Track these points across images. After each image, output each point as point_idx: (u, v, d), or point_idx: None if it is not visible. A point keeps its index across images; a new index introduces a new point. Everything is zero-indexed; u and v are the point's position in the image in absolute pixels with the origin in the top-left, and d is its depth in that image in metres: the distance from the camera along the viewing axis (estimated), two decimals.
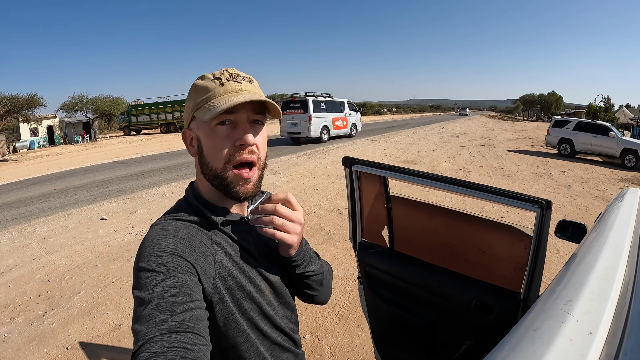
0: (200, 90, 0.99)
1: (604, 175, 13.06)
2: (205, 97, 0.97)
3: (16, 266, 5.72)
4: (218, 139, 0.98)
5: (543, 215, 1.58)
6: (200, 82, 1.00)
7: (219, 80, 0.98)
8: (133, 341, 0.75)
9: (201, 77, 1.02)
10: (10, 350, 3.68)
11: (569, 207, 8.30)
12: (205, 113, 0.95)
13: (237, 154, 0.98)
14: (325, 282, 1.22)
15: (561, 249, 5.67)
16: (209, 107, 0.95)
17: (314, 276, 1.14)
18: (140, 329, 0.74)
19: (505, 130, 34.90)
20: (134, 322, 0.77)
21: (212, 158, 0.99)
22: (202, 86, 0.99)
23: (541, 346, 0.61)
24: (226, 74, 1.00)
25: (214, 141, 0.98)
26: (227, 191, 1.00)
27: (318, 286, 1.18)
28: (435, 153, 17.09)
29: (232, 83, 0.99)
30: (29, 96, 25.87)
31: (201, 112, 0.97)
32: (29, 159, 22.47)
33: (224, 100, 0.95)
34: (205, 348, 0.76)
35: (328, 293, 1.28)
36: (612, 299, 0.79)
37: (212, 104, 0.95)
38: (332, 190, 9.55)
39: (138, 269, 0.85)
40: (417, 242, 2.30)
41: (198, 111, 0.98)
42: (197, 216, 1.01)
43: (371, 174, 2.18)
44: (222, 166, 0.98)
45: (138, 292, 0.80)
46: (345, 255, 5.50)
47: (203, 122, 0.99)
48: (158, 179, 12.11)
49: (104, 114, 37.79)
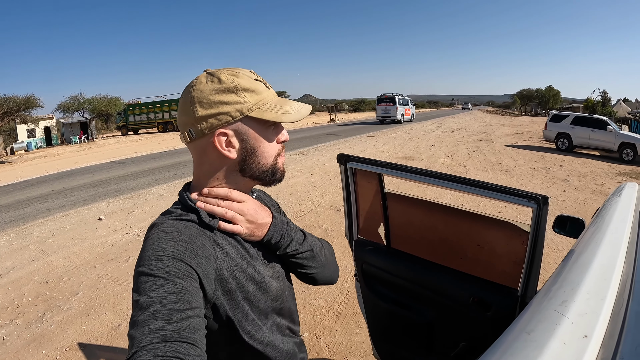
0: (249, 90, 0.98)
1: (601, 169, 13.07)
2: (261, 99, 1.00)
3: (14, 268, 5.71)
4: (271, 138, 1.05)
5: (540, 211, 1.57)
6: (244, 82, 0.98)
7: (262, 83, 1.02)
8: (128, 346, 0.74)
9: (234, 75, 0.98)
10: (9, 352, 3.67)
11: (567, 202, 8.30)
12: (279, 115, 1.00)
13: (282, 147, 1.10)
14: (319, 258, 1.22)
15: (560, 244, 5.66)
16: (279, 110, 1.01)
17: (299, 254, 1.16)
18: (135, 335, 0.73)
19: (503, 125, 34.92)
20: (130, 327, 0.76)
21: (267, 155, 1.05)
22: (250, 87, 0.98)
23: (534, 350, 0.60)
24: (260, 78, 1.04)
25: (269, 140, 1.04)
26: (274, 178, 1.10)
27: (311, 263, 1.19)
28: (433, 149, 17.09)
29: (270, 87, 1.05)
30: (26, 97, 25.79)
31: (269, 114, 0.99)
32: (26, 160, 22.45)
33: (290, 105, 1.04)
34: (199, 359, 0.75)
35: (331, 270, 1.29)
36: (609, 299, 0.77)
37: (277, 107, 1.01)
38: (329, 188, 9.54)
39: (138, 273, 0.83)
40: (413, 239, 2.29)
41: (259, 111, 0.99)
42: (195, 216, 0.99)
43: (366, 171, 2.17)
44: (273, 160, 1.07)
45: (137, 296, 0.79)
46: (343, 253, 5.49)
47: (256, 123, 1.00)
48: (156, 179, 12.10)
49: (101, 114, 37.75)
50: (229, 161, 1.01)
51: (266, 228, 1.08)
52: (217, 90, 0.95)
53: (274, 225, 1.10)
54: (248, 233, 1.04)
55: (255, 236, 1.06)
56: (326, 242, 1.32)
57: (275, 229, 1.10)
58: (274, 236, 1.09)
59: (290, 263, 1.17)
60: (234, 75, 0.98)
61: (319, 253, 1.22)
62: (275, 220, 1.11)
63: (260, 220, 1.07)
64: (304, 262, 1.18)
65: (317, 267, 1.21)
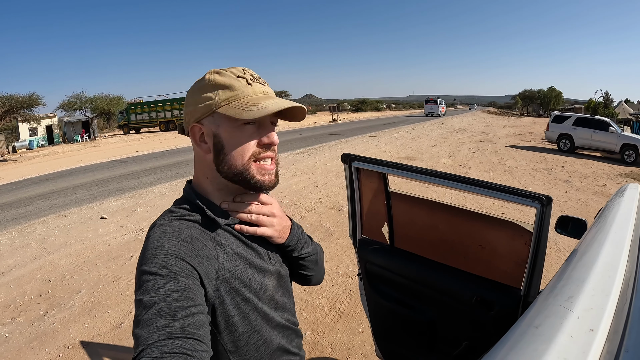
0: (223, 87, 0.97)
1: (603, 170, 13.06)
2: (233, 95, 0.97)
3: (17, 266, 5.72)
4: (244, 138, 0.99)
5: (543, 211, 1.57)
6: (221, 79, 0.98)
7: (244, 80, 0.99)
8: (133, 345, 0.74)
9: (217, 73, 0.99)
10: (12, 350, 3.68)
11: (568, 203, 8.30)
12: (241, 113, 0.94)
13: (261, 152, 1.01)
14: (320, 262, 1.28)
15: (561, 244, 5.67)
16: (247, 107, 0.95)
17: (309, 257, 1.20)
18: (140, 333, 0.74)
19: (505, 125, 34.86)
20: (135, 326, 0.76)
21: (236, 155, 0.99)
22: (225, 83, 0.97)
23: (542, 343, 0.61)
24: (248, 74, 1.00)
25: (239, 139, 0.99)
26: (250, 184, 1.02)
27: (313, 266, 1.24)
28: (434, 149, 17.08)
29: (258, 84, 1.01)
30: (28, 96, 25.81)
31: (233, 110, 0.95)
32: (28, 159, 22.46)
33: (261, 102, 0.97)
34: (205, 354, 0.76)
35: (322, 272, 1.33)
36: (613, 296, 0.79)
37: (249, 104, 0.96)
38: (331, 187, 9.55)
39: (141, 272, 0.83)
40: (417, 239, 2.30)
41: (224, 108, 0.96)
42: (199, 216, 1.00)
43: (370, 170, 2.17)
44: (246, 161, 1.00)
45: (140, 295, 0.80)
46: (346, 252, 5.50)
47: (227, 120, 0.98)
48: (158, 177, 12.11)
49: (103, 112, 37.73)
50: (207, 157, 1.02)
51: (287, 232, 1.12)
52: (197, 88, 1.00)
53: (294, 229, 1.14)
54: (276, 235, 1.07)
55: (282, 238, 1.10)
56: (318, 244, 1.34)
57: (295, 232, 1.14)
58: (294, 239, 1.13)
59: (296, 265, 1.20)
60: (218, 73, 0.99)
61: (320, 258, 1.28)
62: (294, 224, 1.15)
63: (285, 223, 1.11)
64: (308, 265, 1.21)
65: (315, 270, 1.26)
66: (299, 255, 1.16)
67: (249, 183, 1.02)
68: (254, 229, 1.04)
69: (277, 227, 1.08)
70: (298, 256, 1.16)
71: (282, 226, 1.10)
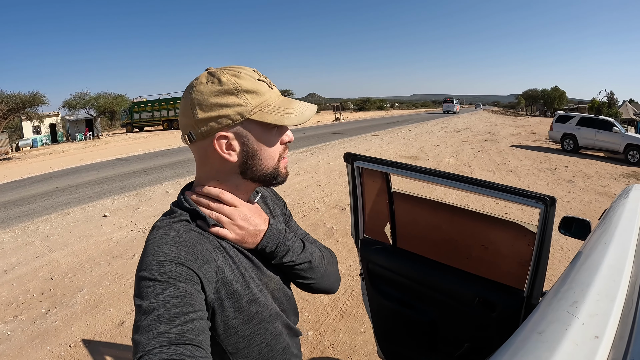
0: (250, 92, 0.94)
1: (607, 170, 13.01)
2: (263, 101, 0.96)
3: (19, 264, 5.74)
4: (273, 141, 1.02)
5: (547, 212, 1.56)
6: (245, 83, 0.94)
7: (265, 83, 0.98)
8: (132, 352, 0.74)
9: (235, 75, 0.94)
10: (14, 348, 3.69)
11: (572, 203, 8.27)
12: (282, 117, 0.96)
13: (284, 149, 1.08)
14: (318, 269, 1.19)
15: (564, 245, 5.65)
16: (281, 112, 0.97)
17: (297, 265, 1.13)
18: (140, 339, 0.73)
19: (508, 125, 34.80)
20: (135, 331, 0.76)
21: (268, 158, 1.02)
22: (252, 88, 0.94)
23: (546, 350, 0.60)
24: (262, 77, 1.00)
25: (270, 143, 1.01)
26: (277, 180, 1.08)
27: (309, 274, 1.16)
28: (438, 148, 17.06)
29: (274, 87, 1.02)
30: (32, 94, 25.90)
31: (271, 116, 0.96)
32: (31, 157, 22.54)
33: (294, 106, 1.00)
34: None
35: (330, 280, 1.26)
36: (618, 300, 0.77)
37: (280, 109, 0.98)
38: (334, 186, 9.54)
39: (140, 277, 0.83)
40: (419, 239, 2.29)
41: (261, 114, 0.95)
42: (197, 219, 0.98)
43: (373, 170, 2.16)
44: (276, 162, 1.04)
45: (139, 300, 0.79)
46: (348, 252, 5.49)
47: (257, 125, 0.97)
48: (161, 176, 12.13)
49: (107, 111, 37.87)
50: (229, 164, 0.98)
51: (259, 236, 1.05)
52: (217, 92, 0.93)
53: (269, 233, 1.07)
54: (238, 239, 1.01)
55: (248, 243, 1.03)
56: (329, 251, 1.29)
57: (270, 238, 1.07)
58: (269, 245, 1.06)
59: (287, 272, 1.15)
60: (235, 75, 0.94)
61: (318, 264, 1.19)
62: (270, 229, 1.08)
63: (251, 227, 1.04)
64: (301, 273, 1.15)
65: (315, 278, 1.19)
66: (281, 263, 1.10)
67: (275, 180, 1.07)
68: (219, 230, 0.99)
69: (239, 232, 1.02)
70: (281, 263, 1.11)
71: (246, 231, 1.04)
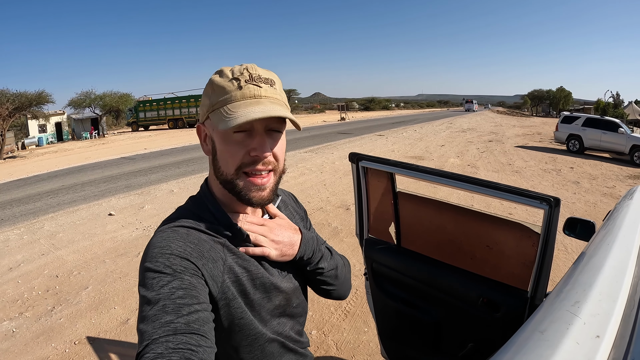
0: (216, 90, 0.93)
1: (612, 172, 12.95)
2: (221, 100, 0.92)
3: (25, 262, 5.77)
4: (232, 146, 0.93)
5: (552, 213, 1.56)
6: (218, 80, 0.94)
7: (237, 82, 0.92)
8: (138, 341, 0.75)
9: (219, 73, 0.96)
10: (19, 345, 3.71)
11: (577, 204, 8.24)
12: (219, 121, 0.90)
13: (250, 164, 0.94)
14: (341, 276, 1.22)
15: (569, 246, 5.63)
16: (224, 116, 0.90)
17: (326, 272, 1.15)
18: (145, 329, 0.74)
19: (514, 126, 34.67)
20: (140, 321, 0.76)
21: (224, 163, 0.95)
22: (219, 85, 0.93)
23: (547, 349, 0.60)
24: (246, 74, 0.93)
25: (227, 147, 0.94)
26: (239, 197, 0.97)
27: (333, 281, 1.19)
28: (443, 149, 17.03)
29: (251, 87, 0.92)
30: (37, 93, 25.98)
31: (215, 117, 0.92)
32: (37, 156, 22.63)
33: (240, 109, 0.89)
34: (210, 350, 0.76)
35: (346, 287, 1.28)
36: (620, 301, 0.77)
37: (227, 112, 0.90)
38: (339, 186, 9.54)
39: (145, 269, 0.84)
40: (424, 239, 2.29)
41: (213, 114, 0.93)
42: (211, 222, 0.99)
43: (378, 170, 2.16)
44: (234, 172, 0.95)
45: (144, 291, 0.80)
46: (353, 251, 5.50)
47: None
48: (166, 175, 12.16)
49: (112, 110, 37.98)
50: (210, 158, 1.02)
51: (296, 246, 1.07)
52: (206, 86, 0.99)
53: (304, 241, 1.09)
54: (278, 254, 1.03)
55: (287, 255, 1.05)
56: (345, 259, 1.30)
57: (306, 246, 1.09)
58: (306, 252, 1.09)
59: (312, 278, 1.16)
60: (219, 72, 0.97)
61: (341, 271, 1.21)
62: (304, 237, 1.10)
63: (286, 240, 1.05)
64: (328, 280, 1.17)
65: (336, 285, 1.21)
66: (314, 270, 1.12)
67: (238, 195, 0.97)
68: (260, 249, 1.00)
69: (277, 246, 1.03)
70: (314, 270, 1.13)
71: (283, 244, 1.05)
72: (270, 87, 0.95)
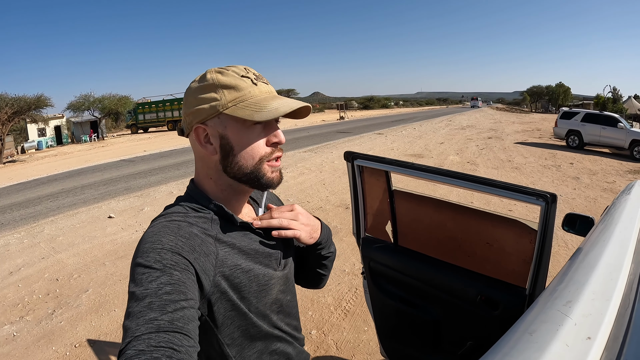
0: (228, 87, 0.95)
1: (612, 167, 12.93)
2: (240, 96, 0.95)
3: (25, 265, 5.77)
4: (254, 139, 0.99)
5: (548, 209, 1.55)
6: (225, 79, 0.96)
7: (249, 79, 0.97)
8: (122, 337, 0.74)
9: (220, 72, 0.97)
10: (19, 348, 3.71)
11: (577, 200, 8.23)
12: (253, 112, 0.93)
13: (272, 152, 1.02)
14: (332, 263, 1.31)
15: (569, 242, 5.62)
16: (255, 107, 0.94)
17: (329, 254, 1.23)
18: (129, 325, 0.74)
19: (513, 122, 34.63)
20: (126, 317, 0.76)
21: (246, 156, 0.99)
22: (230, 83, 0.95)
23: (535, 351, 0.59)
24: (251, 73, 0.99)
25: (249, 140, 0.98)
26: (260, 182, 1.02)
27: (330, 265, 1.27)
28: (442, 146, 17.01)
29: (262, 84, 0.99)
30: (36, 97, 25.97)
31: (243, 111, 0.94)
32: (37, 159, 22.64)
33: (269, 102, 0.95)
34: (192, 350, 0.76)
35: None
36: (614, 300, 0.76)
37: (256, 104, 0.94)
38: (338, 185, 9.53)
39: (135, 264, 0.84)
40: (421, 237, 2.28)
41: (234, 109, 0.94)
42: (202, 214, 1.00)
43: (373, 168, 2.16)
44: (256, 162, 1.00)
45: (133, 287, 0.80)
46: (352, 250, 5.50)
47: (234, 121, 0.96)
48: (165, 177, 12.16)
49: (111, 112, 37.95)
50: (212, 159, 1.01)
51: (319, 230, 1.15)
52: (199, 88, 0.98)
53: (323, 227, 1.17)
54: (307, 236, 1.09)
55: (313, 238, 1.12)
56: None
57: (325, 230, 1.17)
58: (324, 237, 1.17)
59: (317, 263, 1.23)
60: (220, 72, 0.97)
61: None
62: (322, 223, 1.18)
63: (312, 223, 1.13)
64: (328, 264, 1.25)
65: (329, 270, 1.29)
66: (326, 254, 1.20)
67: (258, 182, 1.02)
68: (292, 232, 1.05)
69: (307, 229, 1.10)
70: (325, 255, 1.20)
71: (311, 227, 1.12)
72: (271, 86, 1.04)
